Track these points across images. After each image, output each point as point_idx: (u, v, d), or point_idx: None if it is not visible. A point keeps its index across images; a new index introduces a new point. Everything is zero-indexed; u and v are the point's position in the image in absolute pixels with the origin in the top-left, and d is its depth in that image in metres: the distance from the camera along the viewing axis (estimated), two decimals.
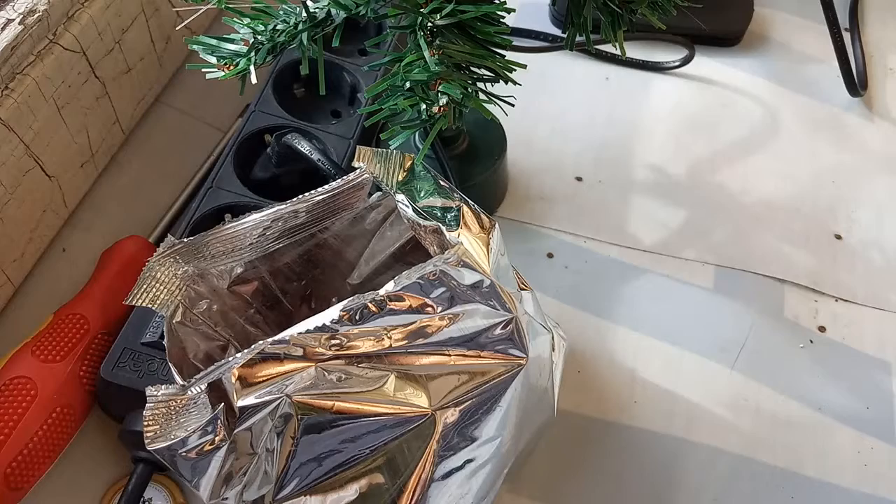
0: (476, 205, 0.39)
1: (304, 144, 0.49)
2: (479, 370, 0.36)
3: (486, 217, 0.38)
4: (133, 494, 0.42)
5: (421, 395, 0.35)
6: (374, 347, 0.34)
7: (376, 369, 0.34)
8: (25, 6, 0.46)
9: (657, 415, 0.50)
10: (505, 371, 0.37)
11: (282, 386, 0.33)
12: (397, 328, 0.34)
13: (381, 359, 0.35)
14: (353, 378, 0.34)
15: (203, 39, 0.39)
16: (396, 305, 0.34)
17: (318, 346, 0.33)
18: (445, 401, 0.36)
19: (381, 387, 0.34)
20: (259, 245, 0.41)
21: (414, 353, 0.35)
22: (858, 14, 0.71)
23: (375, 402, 0.34)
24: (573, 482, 0.47)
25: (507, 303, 0.37)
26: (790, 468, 0.49)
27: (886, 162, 0.62)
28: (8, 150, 0.45)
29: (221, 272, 0.41)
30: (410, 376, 0.35)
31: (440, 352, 0.36)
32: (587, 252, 0.56)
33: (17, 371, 0.43)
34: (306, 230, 0.42)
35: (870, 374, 0.52)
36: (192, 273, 0.39)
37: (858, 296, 0.56)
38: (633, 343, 0.52)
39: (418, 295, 0.34)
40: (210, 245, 0.39)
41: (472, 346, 0.36)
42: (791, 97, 0.66)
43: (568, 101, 0.64)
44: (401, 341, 0.34)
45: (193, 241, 0.39)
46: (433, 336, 0.35)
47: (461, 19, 0.36)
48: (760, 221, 0.58)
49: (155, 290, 0.38)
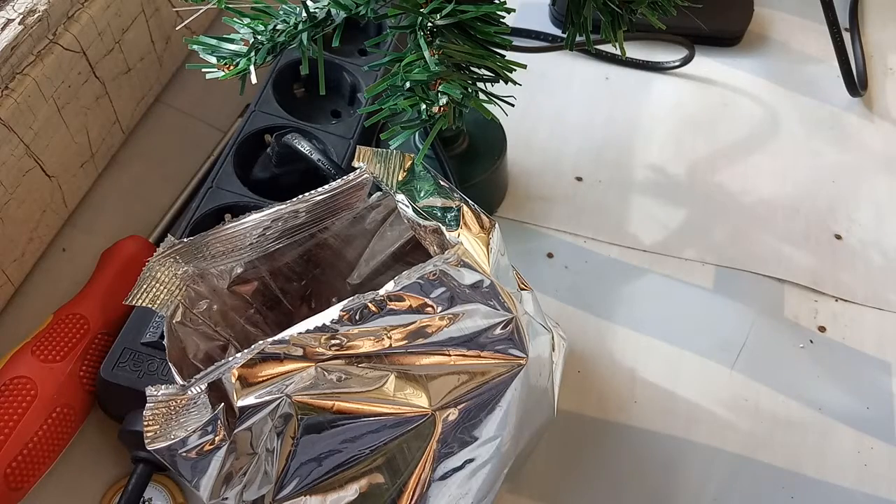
0: (476, 205, 0.39)
1: (304, 144, 0.49)
2: (479, 370, 0.36)
3: (486, 217, 0.38)
4: (133, 494, 0.42)
5: (421, 395, 0.35)
6: (374, 347, 0.34)
7: (376, 369, 0.35)
8: (25, 6, 0.46)
9: (657, 415, 0.50)
10: (505, 371, 0.37)
11: (282, 386, 0.33)
12: (397, 328, 0.34)
13: (381, 359, 0.35)
14: (353, 378, 0.34)
15: (203, 39, 0.39)
16: (396, 305, 0.34)
17: (318, 346, 0.33)
18: (445, 401, 0.36)
19: (381, 387, 0.34)
20: (259, 245, 0.41)
21: (414, 353, 0.35)
22: (858, 14, 0.71)
23: (375, 402, 0.34)
24: (573, 482, 0.47)
25: (507, 303, 0.37)
26: (790, 468, 0.49)
27: (886, 162, 0.62)
28: (8, 150, 0.45)
29: (221, 272, 0.41)
30: (410, 376, 0.35)
31: (440, 352, 0.36)
32: (587, 252, 0.56)
33: (17, 371, 0.43)
34: (306, 230, 0.42)
35: (870, 374, 0.52)
36: (192, 273, 0.39)
37: (858, 296, 0.56)
38: (633, 343, 0.52)
39: (418, 295, 0.34)
40: (210, 245, 0.39)
41: (473, 347, 0.36)
42: (791, 97, 0.66)
43: (568, 101, 0.64)
44: (401, 341, 0.34)
45: (193, 241, 0.39)
46: (433, 336, 0.35)
47: (461, 19, 0.36)
48: (760, 221, 0.58)
49: (155, 290, 0.38)
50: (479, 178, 0.53)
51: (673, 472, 0.48)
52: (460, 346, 0.36)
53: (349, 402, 0.34)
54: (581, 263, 0.56)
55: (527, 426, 0.41)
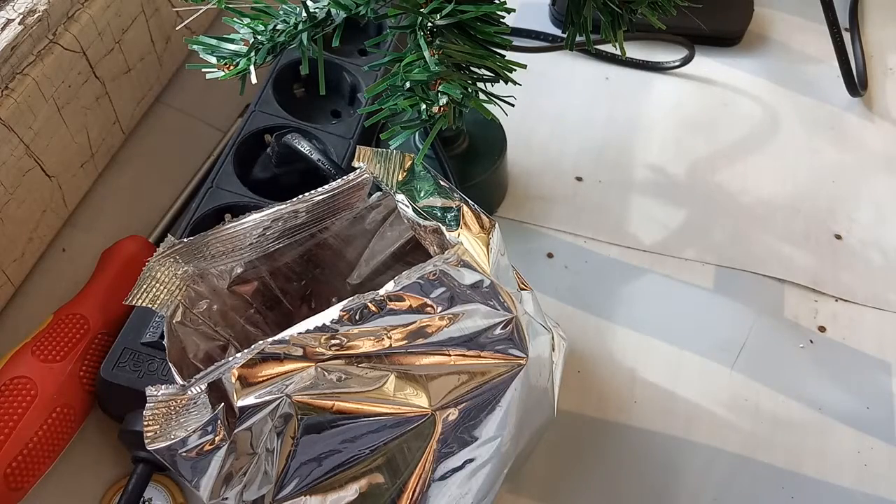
0: (476, 205, 0.39)
1: (304, 144, 0.49)
2: (479, 370, 0.37)
3: (486, 217, 0.38)
4: (133, 494, 0.42)
5: (421, 395, 0.35)
6: (374, 347, 0.34)
7: (376, 369, 0.35)
8: (25, 6, 0.46)
9: (657, 415, 0.50)
10: (505, 371, 0.37)
11: (282, 386, 0.33)
12: (397, 328, 0.34)
13: (381, 359, 0.35)
14: (353, 378, 0.34)
15: (203, 39, 0.39)
16: (396, 305, 0.34)
17: (318, 346, 0.33)
18: (445, 401, 0.36)
19: (381, 387, 0.34)
20: (259, 245, 0.41)
21: (414, 353, 0.35)
22: (858, 14, 0.71)
23: (375, 402, 0.34)
24: (573, 482, 0.47)
25: (507, 303, 0.37)
26: (790, 468, 0.49)
27: (886, 162, 0.62)
28: (8, 150, 0.45)
29: (221, 272, 0.41)
30: (410, 376, 0.35)
31: (440, 352, 0.36)
32: (587, 252, 0.56)
33: (17, 371, 0.43)
34: (306, 230, 0.42)
35: (870, 374, 0.52)
36: (192, 273, 0.39)
37: (858, 296, 0.56)
38: (633, 343, 0.52)
39: (418, 295, 0.34)
40: (210, 245, 0.40)
41: (472, 346, 0.36)
42: (791, 97, 0.66)
43: (568, 101, 0.64)
44: (401, 341, 0.34)
45: (193, 241, 0.39)
46: (433, 336, 0.35)
47: (461, 19, 0.36)
48: (760, 221, 0.58)
49: (155, 290, 0.38)
50: (479, 178, 0.53)
51: (673, 472, 0.48)
52: (460, 346, 0.36)
53: (349, 402, 0.34)
54: (581, 263, 0.56)
55: (527, 426, 0.41)
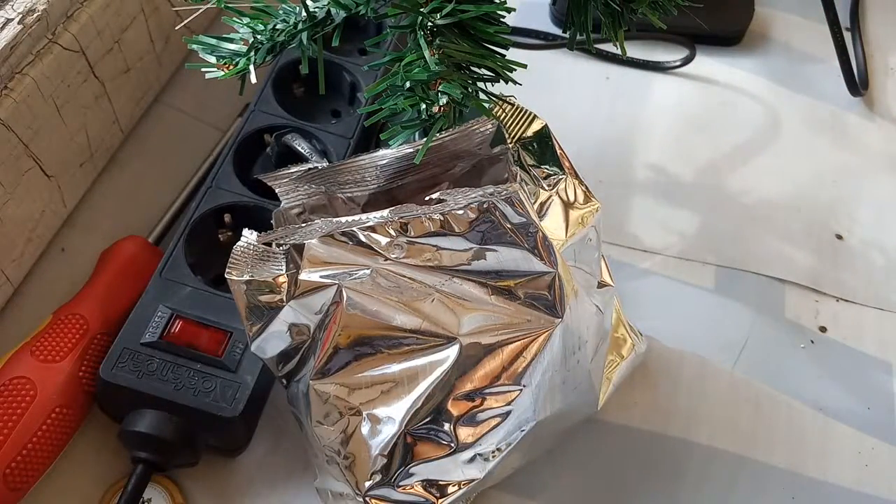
0: (587, 185, 0.42)
1: (304, 145, 0.49)
2: (512, 315, 0.38)
3: (592, 198, 0.41)
4: (132, 494, 0.42)
5: (456, 322, 0.37)
6: (426, 263, 0.36)
7: (424, 285, 0.37)
8: (25, 6, 0.46)
9: (657, 415, 0.49)
10: (537, 326, 0.38)
11: (342, 276, 0.36)
12: (447, 251, 0.36)
13: (431, 273, 0.37)
14: (402, 289, 0.36)
15: (203, 39, 0.39)
16: (451, 227, 0.36)
17: (381, 250, 0.36)
18: (476, 333, 0.37)
19: (423, 303, 0.37)
20: (385, 179, 0.42)
21: (459, 278, 0.37)
22: (859, 13, 0.71)
23: (415, 316, 0.37)
24: (573, 482, 0.47)
25: (555, 258, 0.38)
26: (790, 468, 0.48)
27: (887, 162, 0.62)
28: (7, 150, 0.45)
29: (348, 199, 0.42)
30: (451, 301, 0.37)
31: (482, 283, 0.37)
32: None
33: (16, 371, 0.43)
34: (427, 170, 0.42)
35: (871, 375, 0.52)
36: (324, 192, 0.41)
37: (859, 296, 0.56)
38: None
39: (469, 224, 0.36)
40: (341, 172, 0.41)
41: (511, 296, 0.38)
42: (792, 97, 0.65)
43: (568, 100, 0.64)
44: (448, 265, 0.36)
45: (328, 166, 0.41)
46: (474, 265, 0.37)
47: (461, 19, 0.36)
48: (761, 221, 0.58)
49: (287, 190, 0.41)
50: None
51: (673, 473, 0.48)
52: (500, 293, 0.37)
53: (393, 310, 0.37)
54: None
55: (557, 396, 0.41)
